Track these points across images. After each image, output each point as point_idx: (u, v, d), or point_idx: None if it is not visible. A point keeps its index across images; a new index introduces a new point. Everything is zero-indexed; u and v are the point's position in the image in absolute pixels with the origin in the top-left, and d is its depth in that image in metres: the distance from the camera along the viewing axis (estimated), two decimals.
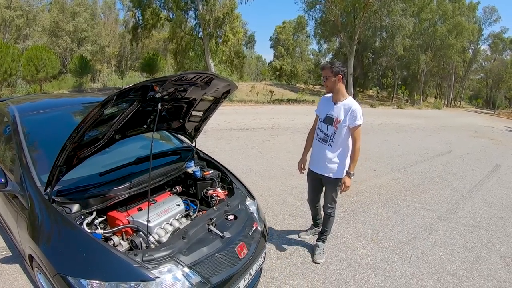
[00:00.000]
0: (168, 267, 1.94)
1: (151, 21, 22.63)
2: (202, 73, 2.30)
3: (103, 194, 2.35)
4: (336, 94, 3.07)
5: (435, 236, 4.13)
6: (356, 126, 2.98)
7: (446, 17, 34.97)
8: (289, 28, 48.78)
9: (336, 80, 2.99)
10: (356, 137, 3.02)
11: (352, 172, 3.08)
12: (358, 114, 2.95)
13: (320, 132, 3.23)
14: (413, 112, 23.57)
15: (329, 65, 3.01)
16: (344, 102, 3.04)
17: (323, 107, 3.24)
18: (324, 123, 3.17)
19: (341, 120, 3.02)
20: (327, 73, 2.99)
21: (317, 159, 3.27)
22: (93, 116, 1.89)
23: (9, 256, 3.31)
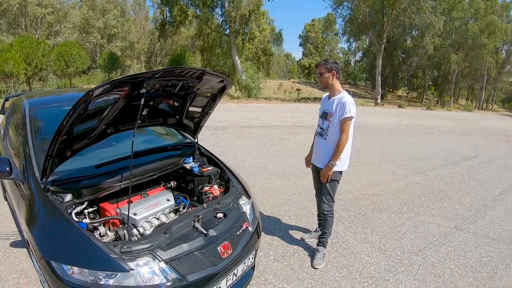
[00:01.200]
0: (144, 260, 1.96)
1: (179, 18, 23.10)
2: (190, 68, 2.30)
3: (95, 185, 2.42)
4: (331, 89, 3.17)
5: (448, 247, 3.86)
6: (345, 118, 3.01)
7: (478, 15, 33.58)
8: (318, 26, 48.39)
9: (330, 76, 3.09)
10: (343, 129, 3.04)
11: (333, 162, 3.09)
12: (347, 106, 2.99)
13: (318, 127, 3.36)
14: (442, 114, 22.82)
15: (323, 62, 3.14)
16: (337, 96, 3.12)
17: (322, 104, 3.38)
18: (321, 118, 3.31)
19: (333, 114, 3.09)
20: (321, 69, 3.12)
21: (315, 153, 3.40)
22: (77, 110, 1.94)
23: (18, 241, 3.52)
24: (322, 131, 3.26)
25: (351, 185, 5.70)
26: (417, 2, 25.04)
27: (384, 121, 14.52)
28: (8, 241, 3.57)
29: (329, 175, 3.13)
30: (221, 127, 10.41)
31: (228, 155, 7.20)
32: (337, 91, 3.14)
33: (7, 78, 19.01)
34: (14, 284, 2.89)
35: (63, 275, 1.87)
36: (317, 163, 3.34)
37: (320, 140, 3.30)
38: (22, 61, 19.34)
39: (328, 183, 3.20)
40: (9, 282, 2.92)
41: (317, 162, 3.33)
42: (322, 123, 3.28)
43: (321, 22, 48.48)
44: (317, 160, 3.34)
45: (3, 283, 2.90)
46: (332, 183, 3.21)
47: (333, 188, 3.25)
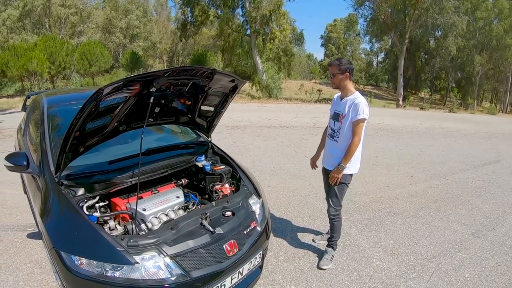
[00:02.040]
0: (150, 254, 2.01)
1: (200, 18, 23.30)
2: (200, 67, 2.32)
3: (107, 180, 2.48)
4: (343, 90, 3.08)
5: (464, 255, 3.71)
6: (358, 120, 2.92)
7: (502, 16, 32.31)
8: (340, 26, 48.05)
9: (343, 77, 2.99)
10: (355, 131, 2.95)
11: (343, 165, 3.01)
12: (360, 107, 2.89)
13: (329, 129, 3.28)
14: (465, 116, 22.24)
15: (336, 62, 3.00)
16: (350, 97, 3.02)
17: (333, 105, 3.29)
18: (333, 119, 3.22)
19: (346, 115, 3.01)
20: (334, 70, 3.00)
21: (326, 155, 3.33)
22: (87, 108, 2.00)
23: (35, 232, 3.67)
24: (333, 133, 3.18)
25: (367, 188, 5.62)
26: (439, 1, 24.44)
27: (405, 123, 14.27)
28: (25, 232, 3.73)
29: (338, 178, 3.06)
30: (240, 126, 10.47)
31: (245, 155, 7.23)
32: (350, 92, 3.05)
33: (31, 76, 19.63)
34: (28, 273, 3.02)
35: (72, 265, 1.94)
36: (326, 165, 3.29)
37: (330, 142, 3.23)
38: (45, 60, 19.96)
39: (337, 186, 3.13)
40: (24, 271, 3.05)
41: (327, 164, 3.27)
42: (334, 124, 3.18)
43: (343, 23, 48.09)
44: (327, 162, 3.28)
45: (18, 272, 3.04)
46: (341, 186, 3.15)
47: (341, 191, 3.19)
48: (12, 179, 5.12)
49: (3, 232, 3.73)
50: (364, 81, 46.71)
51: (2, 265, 3.13)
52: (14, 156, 2.73)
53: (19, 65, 19.17)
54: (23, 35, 32.79)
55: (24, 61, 19.11)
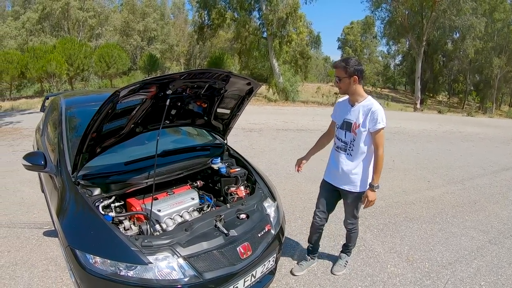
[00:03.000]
0: (164, 255, 2.02)
1: (217, 21, 23.30)
2: (216, 70, 2.33)
3: (123, 181, 2.52)
4: (353, 95, 2.70)
5: (480, 262, 3.62)
6: (378, 130, 2.59)
7: None
8: (357, 28, 47.73)
9: (351, 81, 2.60)
10: (378, 143, 2.63)
11: (376, 184, 2.70)
12: (379, 115, 2.57)
13: (337, 141, 2.87)
14: (483, 120, 21.76)
15: (342, 64, 2.58)
16: (362, 104, 2.66)
17: (339, 112, 2.87)
18: (342, 129, 2.80)
19: (360, 124, 2.65)
20: (340, 73, 2.61)
21: (335, 171, 2.88)
22: (104, 110, 2.03)
23: (51, 230, 3.75)
24: (345, 145, 2.78)
25: (383, 192, 5.54)
26: (457, 3, 23.99)
27: (422, 127, 14.03)
28: (41, 230, 3.82)
29: (374, 201, 2.75)
30: (256, 129, 10.47)
31: (261, 158, 7.23)
32: (361, 97, 2.68)
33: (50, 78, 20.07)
34: (44, 270, 3.09)
35: (86, 263, 1.97)
36: (336, 183, 2.89)
37: (341, 156, 2.82)
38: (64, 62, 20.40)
39: (354, 205, 2.90)
40: (39, 268, 3.12)
41: (338, 182, 2.88)
42: (344, 135, 2.77)
43: (360, 25, 47.73)
44: (338, 180, 2.87)
45: (33, 269, 3.11)
46: (358, 203, 2.90)
47: (358, 208, 2.95)
48: (30, 177, 5.25)
49: (20, 229, 3.83)
50: (381, 84, 46.20)
51: (18, 262, 3.21)
52: (32, 156, 2.79)
53: (38, 67, 19.65)
54: (42, 37, 33.57)
55: (43, 63, 19.57)
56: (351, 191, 2.81)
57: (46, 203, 4.09)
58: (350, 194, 2.84)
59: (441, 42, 33.26)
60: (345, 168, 2.79)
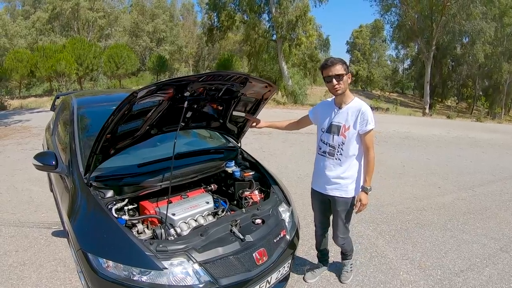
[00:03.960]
0: (179, 260, 1.97)
1: (226, 23, 23.34)
2: (235, 73, 2.30)
3: (136, 183, 2.48)
4: (345, 96, 2.54)
5: (492, 270, 3.56)
6: (368, 131, 2.49)
7: None
8: (365, 32, 47.51)
9: (348, 78, 2.46)
10: (369, 144, 2.52)
11: (369, 186, 2.57)
12: (369, 116, 2.46)
13: (323, 145, 2.67)
14: (492, 126, 21.54)
15: (338, 59, 2.41)
16: (350, 105, 2.53)
17: (323, 114, 2.70)
18: (329, 133, 2.62)
19: (350, 127, 2.51)
20: (339, 70, 2.38)
21: (323, 177, 2.70)
22: (121, 111, 2.00)
23: (60, 230, 3.72)
24: (333, 150, 2.60)
25: (394, 198, 5.48)
26: (467, 7, 23.79)
27: (431, 132, 13.92)
28: (50, 230, 3.79)
29: (367, 204, 2.60)
30: (266, 132, 10.40)
31: (272, 161, 7.19)
32: (350, 98, 2.55)
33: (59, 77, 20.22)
34: (52, 271, 3.06)
35: (98, 267, 1.93)
36: (325, 191, 2.71)
37: (328, 161, 2.64)
38: (74, 62, 20.56)
39: (345, 214, 2.71)
40: (47, 269, 3.09)
41: (327, 189, 2.69)
42: (332, 139, 2.59)
43: (369, 29, 47.57)
44: (327, 187, 2.69)
45: (41, 269, 3.08)
46: (349, 211, 2.72)
47: (349, 218, 2.77)
48: (39, 176, 5.25)
49: (28, 229, 3.81)
50: (389, 88, 45.98)
51: (26, 262, 3.19)
52: (43, 156, 2.76)
53: (47, 66, 19.82)
54: (52, 37, 33.91)
55: (53, 62, 19.74)
56: (342, 196, 2.64)
57: (55, 203, 4.08)
58: (341, 200, 2.66)
59: (450, 47, 33.05)
60: (334, 173, 2.62)
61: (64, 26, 36.25)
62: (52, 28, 35.56)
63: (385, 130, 12.53)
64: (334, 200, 2.68)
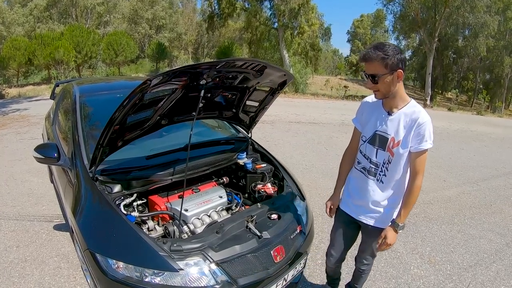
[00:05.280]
0: (195, 260, 1.86)
1: (227, 11, 23.06)
2: (253, 60, 2.13)
3: (145, 177, 2.34)
4: (393, 99, 1.89)
5: (499, 266, 3.56)
6: (423, 151, 1.86)
7: None
8: (367, 22, 47.32)
9: (394, 79, 1.80)
10: (418, 168, 1.89)
11: (401, 223, 1.98)
12: (427, 130, 1.83)
13: (363, 159, 2.09)
14: (493, 120, 21.51)
15: (379, 53, 1.74)
16: (404, 111, 1.89)
17: (368, 118, 2.06)
18: (372, 144, 2.02)
19: (401, 141, 1.88)
20: (377, 68, 1.77)
21: (358, 199, 2.15)
22: (132, 100, 1.84)
23: (62, 224, 3.60)
24: (374, 168, 2.02)
25: None
26: (471, 0, 23.62)
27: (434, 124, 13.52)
28: (51, 223, 3.66)
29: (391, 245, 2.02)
30: (268, 121, 10.34)
31: (276, 151, 7.09)
32: (403, 101, 1.90)
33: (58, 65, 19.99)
34: (55, 267, 2.94)
35: (108, 269, 1.82)
36: (357, 215, 2.17)
37: (369, 181, 2.06)
38: (72, 49, 20.30)
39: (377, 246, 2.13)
40: (50, 265, 2.97)
41: (359, 213, 2.16)
42: (375, 154, 2.00)
43: (370, 18, 47.23)
44: (360, 211, 2.15)
45: (44, 266, 2.95)
46: None
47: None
48: (39, 167, 5.10)
49: (29, 223, 3.68)
50: None
51: (27, 258, 3.06)
52: (44, 148, 2.63)
53: (45, 54, 19.56)
54: (50, 24, 33.40)
55: (51, 50, 19.48)
56: (376, 226, 2.11)
57: (56, 195, 3.96)
58: (374, 230, 2.13)
59: (452, 39, 32.84)
60: (373, 198, 2.06)
61: (62, 13, 35.69)
62: (50, 15, 35.00)
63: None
64: (367, 228, 2.17)
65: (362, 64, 1.85)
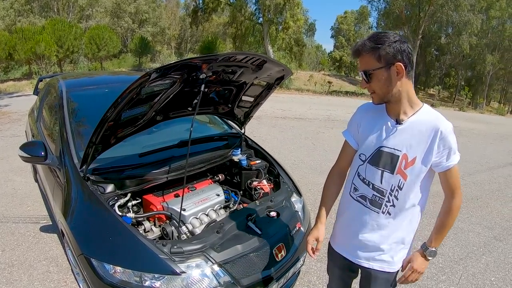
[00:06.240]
0: (196, 262, 1.80)
1: (211, 5, 23.05)
2: (254, 54, 2.07)
3: (139, 176, 2.24)
4: (398, 103, 1.44)
5: (488, 258, 3.66)
6: (454, 167, 1.46)
7: None
8: (350, 18, 47.60)
9: (391, 75, 1.37)
10: (455, 185, 1.51)
11: (434, 248, 1.58)
12: (453, 140, 1.43)
13: (362, 185, 1.56)
14: (474, 116, 21.99)
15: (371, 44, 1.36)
16: (418, 118, 1.43)
17: (368, 130, 1.55)
18: (374, 166, 1.51)
19: (416, 159, 1.43)
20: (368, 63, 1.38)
21: (355, 238, 1.61)
22: (130, 94, 1.75)
23: (49, 225, 3.45)
24: (379, 197, 1.52)
25: None
26: None
27: None
28: (38, 225, 3.50)
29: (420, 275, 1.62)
30: (255, 116, 10.18)
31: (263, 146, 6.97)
32: (414, 105, 1.45)
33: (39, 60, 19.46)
34: (44, 272, 2.81)
35: (105, 274, 1.73)
36: (356, 257, 1.64)
37: (371, 216, 1.56)
38: (54, 44, 19.77)
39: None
40: (39, 269, 2.83)
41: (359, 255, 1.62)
42: (380, 178, 1.50)
43: (354, 15, 47.56)
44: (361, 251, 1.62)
45: (32, 270, 2.81)
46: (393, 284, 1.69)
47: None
48: (22, 165, 4.91)
49: (14, 225, 3.50)
50: None
51: (14, 262, 2.90)
52: (30, 146, 2.48)
53: (26, 48, 18.97)
54: (31, 18, 32.37)
55: (32, 44, 18.91)
56: (384, 271, 1.61)
57: (41, 194, 3.81)
58: (382, 276, 1.63)
59: (435, 36, 33.40)
60: (377, 235, 1.56)
61: (44, 6, 34.63)
62: (31, 8, 33.91)
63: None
64: (370, 274, 1.63)
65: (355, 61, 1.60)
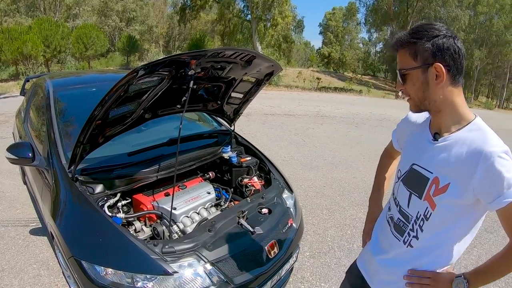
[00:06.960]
0: (189, 261, 1.76)
1: (199, 2, 22.88)
2: (243, 50, 2.03)
3: (129, 175, 2.20)
4: (438, 114, 1.17)
5: (480, 250, 3.68)
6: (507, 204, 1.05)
7: (503, 11, 32.26)
8: (339, 14, 47.74)
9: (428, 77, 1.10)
10: None
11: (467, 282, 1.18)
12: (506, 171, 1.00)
13: (393, 205, 1.34)
14: None
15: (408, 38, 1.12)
16: (460, 135, 1.12)
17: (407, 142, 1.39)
18: (405, 185, 1.27)
19: (449, 186, 1.11)
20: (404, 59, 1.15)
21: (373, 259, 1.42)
22: (117, 92, 1.70)
23: (38, 228, 3.38)
24: (404, 223, 1.27)
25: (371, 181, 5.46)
26: None
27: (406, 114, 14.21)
28: (27, 228, 3.43)
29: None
30: (244, 113, 10.17)
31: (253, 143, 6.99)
32: (460, 119, 1.14)
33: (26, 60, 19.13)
34: (35, 275, 2.74)
35: (96, 276, 1.69)
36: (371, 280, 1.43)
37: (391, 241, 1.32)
38: (40, 43, 19.45)
39: None
40: (29, 273, 2.76)
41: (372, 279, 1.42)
42: (407, 201, 1.25)
43: (342, 11, 47.73)
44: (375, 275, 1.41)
45: (23, 274, 2.74)
46: None
47: None
48: (10, 167, 4.77)
49: (3, 228, 3.42)
50: (361, 71, 46.44)
51: (4, 267, 2.83)
52: (17, 147, 2.41)
53: (13, 49, 18.61)
54: (17, 18, 31.84)
55: (19, 44, 18.56)
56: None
57: (30, 197, 3.71)
58: None
59: None
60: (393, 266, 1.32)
61: (30, 6, 34.07)
62: (17, 8, 33.35)
63: (362, 112, 12.64)
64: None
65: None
